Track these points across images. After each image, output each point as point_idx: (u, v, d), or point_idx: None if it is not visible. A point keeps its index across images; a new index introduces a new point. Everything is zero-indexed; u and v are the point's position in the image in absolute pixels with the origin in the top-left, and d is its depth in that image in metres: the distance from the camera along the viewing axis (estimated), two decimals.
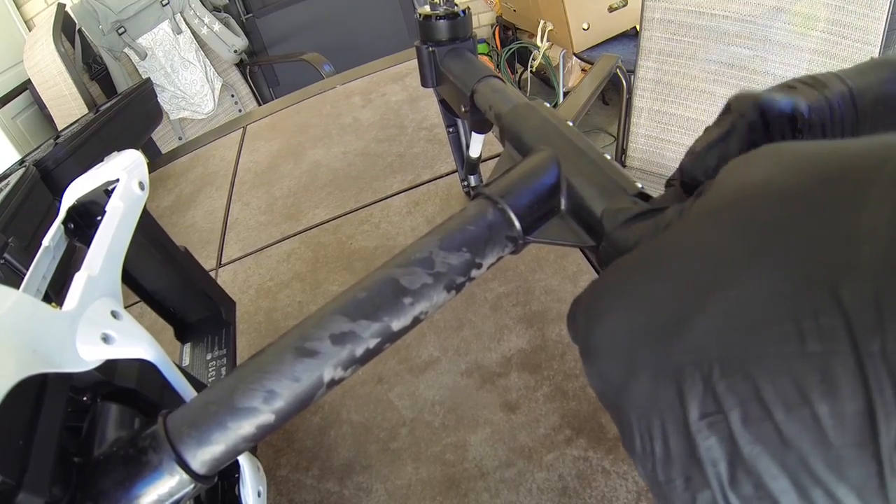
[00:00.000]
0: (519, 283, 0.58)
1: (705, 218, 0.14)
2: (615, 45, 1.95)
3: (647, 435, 0.13)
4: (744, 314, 0.11)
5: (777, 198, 0.12)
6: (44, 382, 0.19)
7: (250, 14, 1.97)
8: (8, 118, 1.74)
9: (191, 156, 1.06)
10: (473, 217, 0.21)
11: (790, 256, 0.11)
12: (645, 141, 1.19)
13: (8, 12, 1.87)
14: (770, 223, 0.12)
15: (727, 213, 0.13)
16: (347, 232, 0.72)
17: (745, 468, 0.11)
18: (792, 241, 0.11)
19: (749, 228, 0.12)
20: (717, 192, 0.14)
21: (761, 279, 0.11)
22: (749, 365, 0.11)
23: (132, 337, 0.21)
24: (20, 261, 0.43)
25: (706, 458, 0.11)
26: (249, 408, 0.18)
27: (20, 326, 0.18)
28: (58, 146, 0.72)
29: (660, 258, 0.14)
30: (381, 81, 1.05)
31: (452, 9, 0.42)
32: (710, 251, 0.13)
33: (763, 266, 0.11)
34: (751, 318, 0.11)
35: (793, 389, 0.10)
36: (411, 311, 0.19)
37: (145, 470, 0.18)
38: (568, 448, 0.44)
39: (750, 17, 0.99)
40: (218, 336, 0.40)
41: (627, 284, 0.14)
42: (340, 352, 0.18)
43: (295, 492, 0.47)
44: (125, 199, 0.27)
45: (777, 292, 0.11)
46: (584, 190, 0.22)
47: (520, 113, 0.27)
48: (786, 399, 0.10)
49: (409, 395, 0.51)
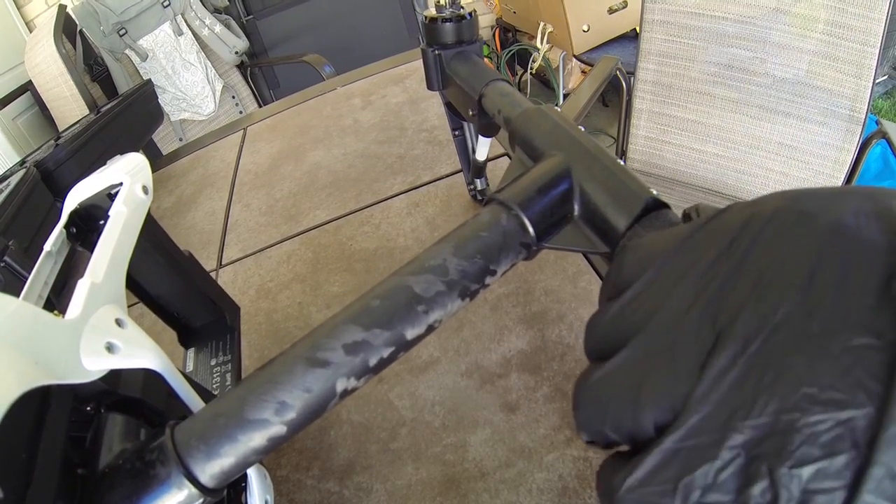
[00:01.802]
0: (519, 283, 0.58)
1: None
2: (615, 47, 1.95)
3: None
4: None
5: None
6: (47, 394, 0.19)
7: (251, 15, 1.97)
8: (9, 119, 1.74)
9: (191, 157, 1.06)
10: (487, 224, 0.21)
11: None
12: (645, 142, 1.19)
13: (9, 13, 1.86)
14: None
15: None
16: (348, 233, 0.72)
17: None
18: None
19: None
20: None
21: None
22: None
23: (137, 346, 0.21)
24: (21, 264, 0.42)
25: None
26: (260, 420, 0.17)
27: (21, 337, 0.17)
28: (59, 147, 0.72)
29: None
30: (382, 83, 1.05)
31: (459, 11, 0.42)
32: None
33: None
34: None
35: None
36: (425, 319, 0.19)
37: (153, 484, 0.17)
38: (568, 448, 0.44)
39: (749, 18, 0.99)
40: (222, 342, 0.40)
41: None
42: (353, 361, 0.18)
43: (295, 492, 0.46)
44: (129, 204, 0.26)
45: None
46: (598, 196, 0.22)
47: (530, 117, 0.27)
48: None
49: (409, 395, 0.51)
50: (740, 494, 0.12)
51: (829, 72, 0.95)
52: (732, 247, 0.14)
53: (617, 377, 0.15)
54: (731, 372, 0.13)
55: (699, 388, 0.13)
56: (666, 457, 0.13)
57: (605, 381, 0.16)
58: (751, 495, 0.12)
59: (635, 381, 0.15)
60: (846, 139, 0.97)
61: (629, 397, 0.15)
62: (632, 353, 0.15)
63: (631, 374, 0.15)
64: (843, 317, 0.12)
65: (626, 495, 0.14)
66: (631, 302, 0.16)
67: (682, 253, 0.16)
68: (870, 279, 0.12)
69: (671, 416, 0.14)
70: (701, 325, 0.14)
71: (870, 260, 0.12)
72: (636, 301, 0.16)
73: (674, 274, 0.15)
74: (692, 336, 0.14)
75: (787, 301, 0.13)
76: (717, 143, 1.11)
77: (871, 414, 0.11)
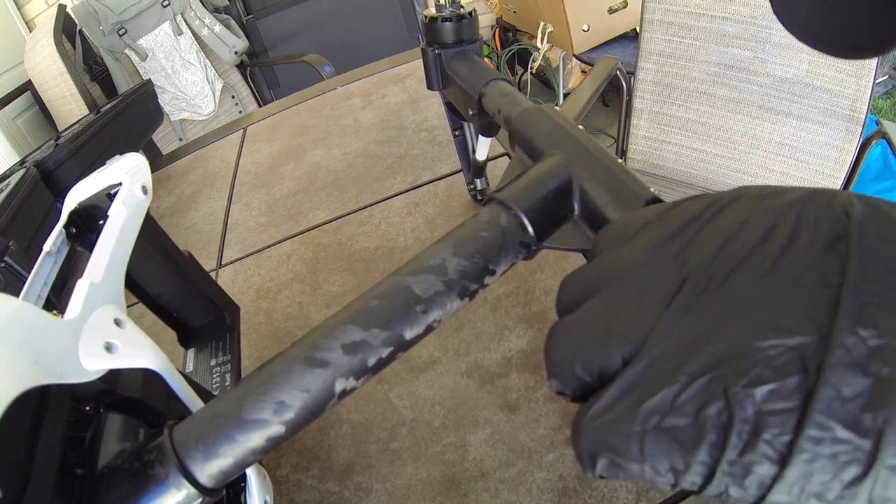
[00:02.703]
0: (519, 283, 0.58)
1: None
2: (615, 47, 1.94)
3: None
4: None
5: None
6: (45, 393, 0.19)
7: (251, 15, 1.97)
8: (8, 119, 1.73)
9: (191, 157, 1.05)
10: (486, 223, 0.21)
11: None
12: (645, 142, 1.19)
13: (9, 13, 1.86)
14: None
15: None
16: (347, 233, 0.72)
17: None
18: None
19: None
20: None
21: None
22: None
23: (136, 346, 0.21)
24: (21, 264, 0.42)
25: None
26: (259, 420, 0.17)
27: (21, 337, 0.17)
28: (58, 147, 0.72)
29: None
30: (382, 83, 1.05)
31: (459, 11, 0.42)
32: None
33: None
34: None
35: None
36: (424, 319, 0.19)
37: (151, 484, 0.17)
38: (568, 448, 0.44)
39: (749, 18, 0.99)
40: (222, 342, 0.40)
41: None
42: (352, 361, 0.18)
43: (295, 492, 0.46)
44: (128, 204, 0.26)
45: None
46: (598, 195, 0.22)
47: (530, 117, 0.27)
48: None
49: (409, 395, 0.51)
50: (697, 416, 0.13)
51: (829, 72, 0.95)
52: (701, 216, 0.16)
53: (589, 317, 0.16)
54: (693, 306, 0.14)
55: (662, 320, 0.14)
56: (628, 385, 0.14)
57: (578, 322, 0.17)
58: (707, 416, 0.12)
59: (606, 319, 0.16)
60: (846, 139, 0.97)
61: (600, 333, 0.15)
62: (603, 297, 0.16)
63: (603, 314, 0.16)
64: (794, 262, 0.13)
65: (590, 423, 0.15)
66: (604, 259, 0.17)
67: (655, 223, 0.17)
68: (818, 238, 0.13)
69: (637, 349, 0.14)
70: (668, 273, 0.15)
71: (819, 225, 0.14)
72: (610, 259, 0.17)
73: (646, 238, 0.17)
74: (660, 281, 0.15)
75: (746, 251, 0.14)
76: (717, 143, 1.10)
77: (818, 342, 0.12)
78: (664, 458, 0.13)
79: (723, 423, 0.12)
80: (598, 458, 0.14)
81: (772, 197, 0.15)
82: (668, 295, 0.14)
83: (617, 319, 0.15)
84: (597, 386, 0.16)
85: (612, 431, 0.14)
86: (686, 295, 0.14)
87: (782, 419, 0.12)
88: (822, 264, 0.13)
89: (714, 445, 0.12)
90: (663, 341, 0.14)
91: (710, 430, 0.12)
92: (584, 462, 0.15)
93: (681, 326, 0.14)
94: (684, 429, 0.13)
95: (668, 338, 0.14)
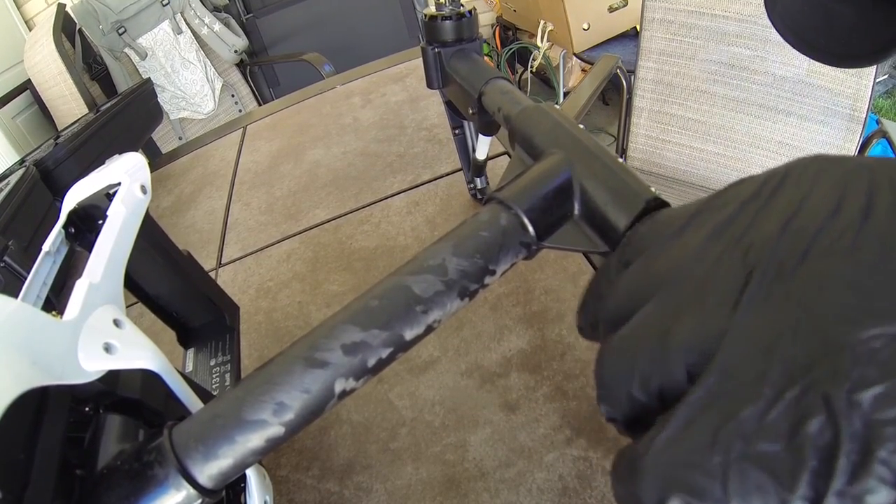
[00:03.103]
0: (519, 283, 0.58)
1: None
2: (615, 46, 1.94)
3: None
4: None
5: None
6: (44, 394, 0.19)
7: (250, 14, 1.97)
8: (8, 118, 1.73)
9: (191, 156, 1.05)
10: (486, 223, 0.21)
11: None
12: (645, 141, 1.19)
13: (8, 12, 1.86)
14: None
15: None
16: (347, 232, 0.72)
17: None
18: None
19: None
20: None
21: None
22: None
23: (135, 346, 0.21)
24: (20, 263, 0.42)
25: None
26: (258, 420, 0.17)
27: (19, 337, 0.17)
28: (58, 146, 0.71)
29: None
30: (381, 81, 1.05)
31: (458, 9, 0.41)
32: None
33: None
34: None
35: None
36: (424, 319, 0.19)
37: (150, 484, 0.17)
38: (568, 448, 0.44)
39: (750, 17, 0.99)
40: (221, 342, 0.40)
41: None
42: (352, 362, 0.18)
43: (295, 492, 0.46)
44: (127, 203, 0.26)
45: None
46: (598, 195, 0.22)
47: (530, 115, 0.27)
48: None
49: (409, 395, 0.51)
50: (793, 437, 0.10)
51: (829, 71, 0.95)
52: (759, 195, 0.13)
53: (643, 328, 0.14)
54: (768, 300, 0.11)
55: (732, 322, 0.12)
56: (700, 405, 0.11)
57: (631, 335, 0.14)
58: (806, 436, 0.10)
59: (664, 328, 0.13)
60: (847, 138, 0.97)
61: (658, 344, 0.13)
62: (658, 303, 0.14)
63: (659, 323, 0.13)
64: (878, 230, 0.11)
65: (655, 458, 0.12)
66: (653, 259, 0.15)
67: (704, 212, 0.14)
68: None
69: (705, 360, 0.12)
70: (731, 265, 0.13)
71: (894, 186, 0.11)
72: (659, 258, 0.15)
73: (698, 229, 0.14)
74: (722, 276, 0.13)
75: (817, 225, 0.12)
76: (717, 142, 1.10)
77: None
78: (755, 496, 0.10)
79: (826, 442, 0.10)
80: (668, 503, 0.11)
81: (834, 164, 0.13)
82: (734, 291, 0.12)
83: (677, 326, 0.13)
84: (657, 408, 0.13)
85: (685, 467, 0.11)
86: (755, 287, 0.12)
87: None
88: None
89: (817, 473, 0.10)
90: (736, 347, 0.11)
91: (810, 454, 0.10)
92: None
93: (755, 326, 0.11)
94: (778, 455, 0.10)
95: (741, 342, 0.11)
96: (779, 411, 0.10)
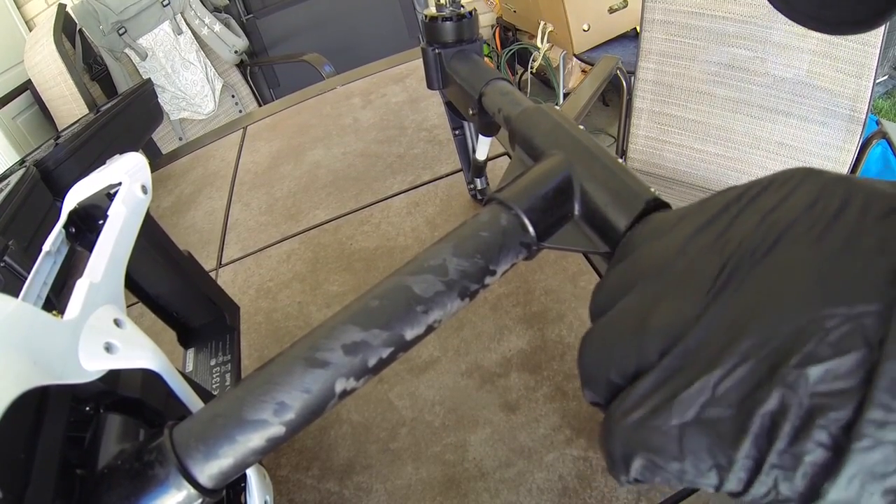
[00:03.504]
0: (519, 283, 0.58)
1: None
2: (615, 47, 1.94)
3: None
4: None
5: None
6: (45, 394, 0.19)
7: (251, 15, 1.97)
8: (8, 118, 1.73)
9: (191, 156, 1.05)
10: (487, 223, 0.21)
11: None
12: (645, 142, 1.19)
13: (8, 12, 1.86)
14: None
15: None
16: (347, 232, 0.72)
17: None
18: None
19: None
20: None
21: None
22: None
23: (136, 346, 0.21)
24: (20, 264, 0.42)
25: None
26: (259, 420, 0.17)
27: (20, 337, 0.17)
28: (58, 146, 0.72)
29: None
30: (382, 82, 1.05)
31: (459, 10, 0.42)
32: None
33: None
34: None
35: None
36: (425, 319, 0.19)
37: (151, 484, 0.17)
38: (568, 448, 0.44)
39: (750, 18, 0.99)
40: (222, 341, 0.40)
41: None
42: (352, 362, 0.18)
43: (295, 492, 0.46)
44: (128, 204, 0.26)
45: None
46: (598, 195, 0.22)
47: (531, 116, 0.27)
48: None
49: (409, 395, 0.51)
50: (742, 406, 0.11)
51: (829, 71, 0.95)
52: (742, 197, 0.14)
53: (622, 316, 0.15)
54: (738, 284, 0.12)
55: (705, 307, 0.13)
56: (663, 375, 0.13)
57: (611, 322, 0.15)
58: (753, 403, 0.11)
59: (642, 314, 0.14)
60: (846, 139, 0.97)
61: (635, 329, 0.14)
62: (638, 293, 0.15)
63: (637, 311, 0.14)
64: (846, 226, 0.12)
65: (621, 419, 0.13)
66: (638, 255, 0.16)
67: (692, 214, 0.15)
68: (871, 207, 0.12)
69: (677, 343, 0.13)
70: (709, 257, 0.13)
71: (871, 196, 0.12)
72: (644, 254, 0.16)
73: (683, 227, 0.15)
74: (699, 267, 0.13)
75: (791, 219, 0.12)
76: (717, 143, 1.10)
77: (881, 310, 0.10)
78: (706, 455, 0.12)
79: (771, 410, 0.11)
80: (633, 460, 0.13)
81: (818, 174, 0.13)
82: (709, 280, 0.13)
83: (653, 313, 0.14)
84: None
85: (646, 427, 0.13)
86: (728, 274, 0.13)
87: (840, 401, 0.10)
88: (879, 230, 0.11)
89: (761, 436, 0.11)
90: (703, 328, 0.12)
91: (756, 419, 0.11)
92: (618, 465, 0.13)
93: (723, 309, 0.12)
94: (728, 419, 0.11)
95: (708, 323, 0.12)
96: (731, 381, 0.12)
